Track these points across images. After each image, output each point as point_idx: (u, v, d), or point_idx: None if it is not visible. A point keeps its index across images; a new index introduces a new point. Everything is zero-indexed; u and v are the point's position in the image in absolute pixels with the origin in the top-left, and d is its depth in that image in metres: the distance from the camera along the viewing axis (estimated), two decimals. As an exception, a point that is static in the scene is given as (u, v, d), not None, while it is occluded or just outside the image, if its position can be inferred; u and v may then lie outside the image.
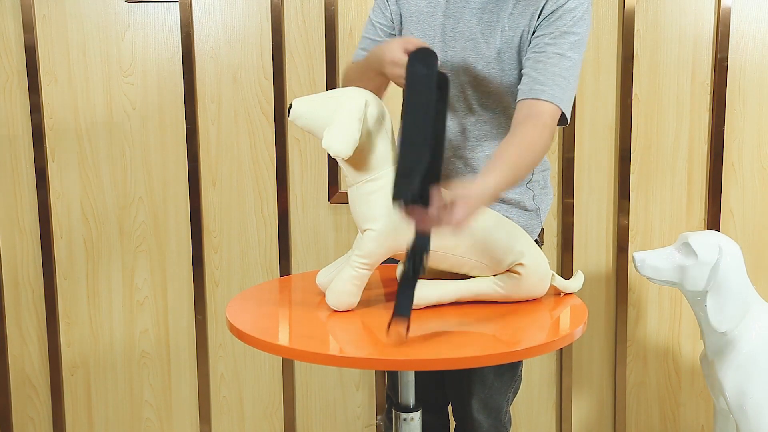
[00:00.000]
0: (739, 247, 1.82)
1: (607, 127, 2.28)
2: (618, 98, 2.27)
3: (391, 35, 1.63)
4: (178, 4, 2.17)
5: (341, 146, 1.28)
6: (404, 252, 1.37)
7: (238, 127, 2.24)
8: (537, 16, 1.49)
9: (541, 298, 1.45)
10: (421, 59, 1.32)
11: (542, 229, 1.70)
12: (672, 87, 2.27)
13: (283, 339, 1.23)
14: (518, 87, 1.48)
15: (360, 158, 1.35)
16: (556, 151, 2.27)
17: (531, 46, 1.49)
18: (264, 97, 2.22)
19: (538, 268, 1.41)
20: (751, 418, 1.79)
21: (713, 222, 2.31)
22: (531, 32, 1.50)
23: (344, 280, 1.35)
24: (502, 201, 1.59)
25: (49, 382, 2.29)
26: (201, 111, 2.23)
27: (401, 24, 1.62)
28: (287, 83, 2.22)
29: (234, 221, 2.27)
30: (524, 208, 1.62)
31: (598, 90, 2.26)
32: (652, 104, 2.28)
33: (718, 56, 2.24)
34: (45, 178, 2.21)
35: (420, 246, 1.21)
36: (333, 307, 1.36)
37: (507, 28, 1.51)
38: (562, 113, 1.46)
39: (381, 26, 1.64)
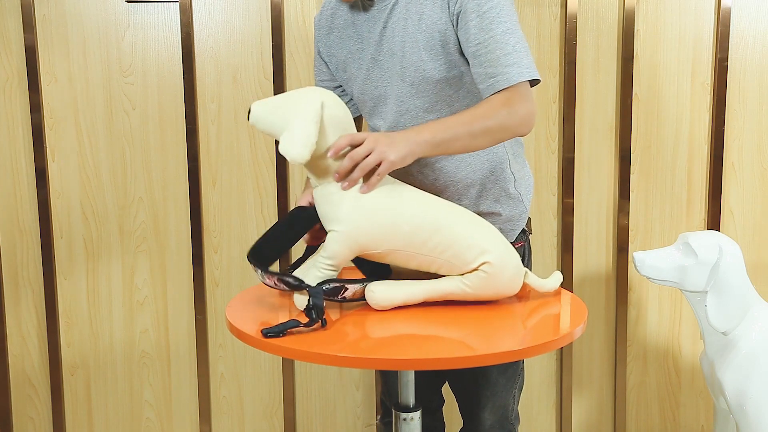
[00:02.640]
0: (739, 247, 1.82)
1: (607, 127, 2.28)
2: (618, 98, 2.26)
3: (338, 87, 1.71)
4: (178, 4, 2.17)
5: (297, 151, 1.25)
6: (372, 252, 1.36)
7: (238, 127, 2.24)
8: (447, 10, 1.49)
9: (541, 297, 1.45)
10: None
11: (529, 218, 1.71)
12: (672, 87, 2.27)
13: (282, 339, 1.23)
14: (477, 85, 1.48)
15: (320, 160, 1.33)
16: (556, 151, 2.27)
17: (461, 42, 1.49)
18: (264, 97, 2.22)
19: (506, 267, 1.37)
20: (751, 418, 1.79)
21: (713, 222, 2.31)
22: (453, 25, 1.49)
23: (310, 282, 1.34)
24: (485, 192, 1.60)
25: (49, 382, 2.29)
26: (201, 111, 2.23)
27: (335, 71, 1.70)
28: (287, 83, 2.22)
29: (234, 221, 2.27)
30: (509, 196, 1.62)
31: (598, 90, 2.26)
32: (652, 104, 2.27)
33: (718, 56, 2.24)
34: (45, 178, 2.21)
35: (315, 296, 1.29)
36: (300, 308, 1.35)
37: (425, 27, 1.51)
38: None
39: (325, 83, 1.72)
